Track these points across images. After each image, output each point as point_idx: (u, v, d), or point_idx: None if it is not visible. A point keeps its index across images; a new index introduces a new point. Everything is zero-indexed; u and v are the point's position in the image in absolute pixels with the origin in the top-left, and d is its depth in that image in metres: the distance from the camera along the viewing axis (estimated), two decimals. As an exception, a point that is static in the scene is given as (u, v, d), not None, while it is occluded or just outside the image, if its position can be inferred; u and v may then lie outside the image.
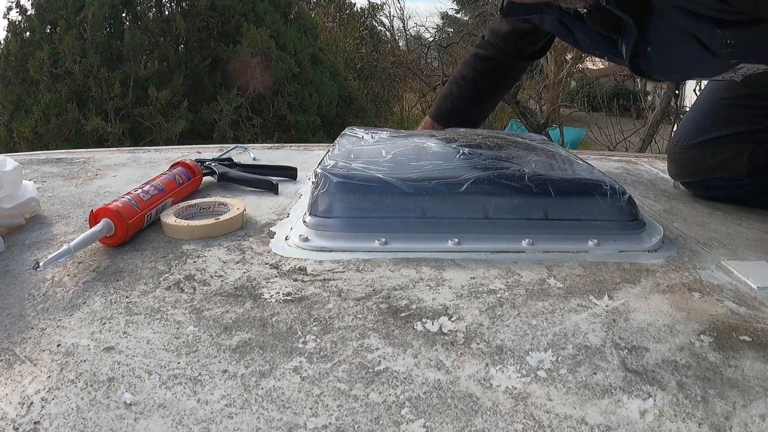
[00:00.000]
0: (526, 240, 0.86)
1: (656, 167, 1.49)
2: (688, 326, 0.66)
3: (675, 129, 3.67)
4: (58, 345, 0.59)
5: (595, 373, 0.58)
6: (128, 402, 0.51)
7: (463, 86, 1.58)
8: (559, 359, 0.60)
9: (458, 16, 16.92)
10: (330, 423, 0.49)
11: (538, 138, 1.23)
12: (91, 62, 5.55)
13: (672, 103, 5.41)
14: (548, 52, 8.29)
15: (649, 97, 10.77)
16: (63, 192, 1.12)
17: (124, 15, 6.22)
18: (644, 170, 1.45)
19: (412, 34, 12.98)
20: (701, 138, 1.25)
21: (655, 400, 0.54)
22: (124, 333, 0.62)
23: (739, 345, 0.63)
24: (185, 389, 0.53)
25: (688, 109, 2.16)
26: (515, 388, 0.55)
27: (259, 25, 6.21)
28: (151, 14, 6.36)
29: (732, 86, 1.27)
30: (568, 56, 8.22)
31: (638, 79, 10.56)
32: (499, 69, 1.56)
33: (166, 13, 6.42)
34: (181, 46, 6.40)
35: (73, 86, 5.59)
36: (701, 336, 0.64)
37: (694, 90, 5.37)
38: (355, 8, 11.28)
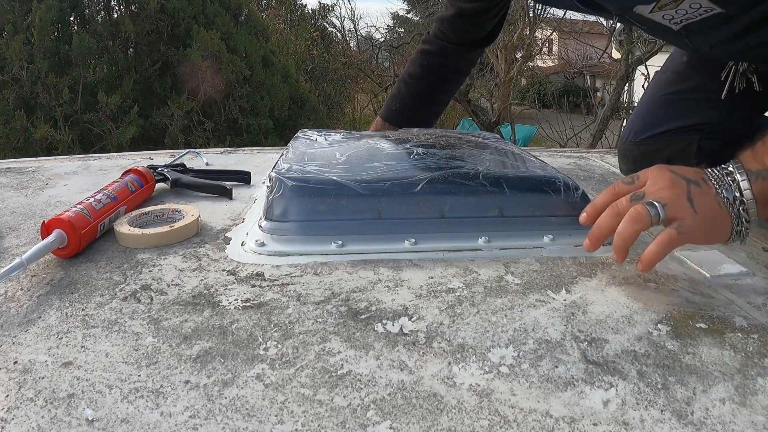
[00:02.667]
0: (483, 238, 0.87)
1: (607, 162, 1.51)
2: (645, 316, 0.68)
3: (624, 125, 3.73)
4: (15, 362, 0.58)
5: (556, 367, 0.58)
6: (90, 418, 0.50)
7: (411, 84, 1.56)
8: (520, 354, 0.60)
9: (409, 16, 17.04)
10: (296, 429, 0.49)
11: (491, 136, 1.25)
12: (38, 68, 5.43)
13: (621, 99, 5.52)
14: (498, 51, 8.36)
15: (599, 93, 10.97)
16: (13, 203, 1.09)
17: (72, 19, 6.09)
18: (596, 165, 1.48)
19: (363, 34, 12.99)
20: (649, 133, 1.28)
21: (617, 390, 0.55)
22: (82, 347, 0.61)
23: (696, 332, 0.65)
24: (147, 402, 0.52)
25: (636, 104, 2.21)
26: (479, 385, 0.55)
27: (209, 27, 6.14)
28: (99, 17, 6.24)
29: (676, 81, 1.30)
30: (518, 54, 8.31)
31: (588, 76, 10.72)
32: (446, 63, 1.54)
33: (115, 16, 6.31)
34: (131, 50, 6.30)
35: (20, 93, 5.45)
36: (659, 325, 0.66)
37: (642, 85, 5.49)
38: (306, 10, 11.24)
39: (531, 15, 7.74)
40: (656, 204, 0.71)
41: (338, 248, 0.84)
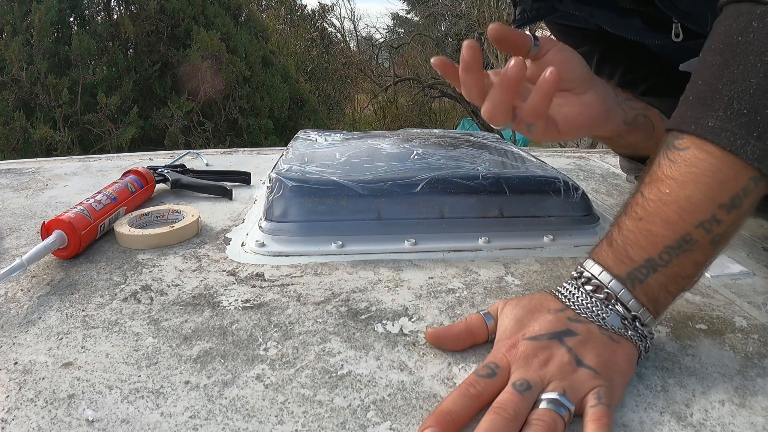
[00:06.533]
0: (483, 238, 0.87)
1: (607, 162, 1.51)
2: (643, 318, 0.68)
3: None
4: (15, 363, 0.58)
5: (555, 368, 0.58)
6: (90, 419, 0.50)
7: None
8: (519, 356, 0.60)
9: (409, 16, 16.99)
10: (296, 430, 0.49)
11: (491, 136, 1.25)
12: (38, 69, 5.42)
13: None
14: (498, 51, 8.33)
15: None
16: (13, 204, 1.09)
17: (71, 19, 6.09)
18: (596, 165, 1.48)
19: (363, 35, 13.01)
20: None
21: (614, 393, 0.55)
22: (82, 348, 0.61)
23: (696, 333, 0.65)
24: (148, 403, 0.52)
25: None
26: (478, 387, 0.55)
27: (209, 28, 6.14)
28: (99, 18, 6.24)
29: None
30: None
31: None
32: None
33: (115, 17, 6.31)
34: (131, 50, 6.30)
35: (20, 94, 5.44)
36: (658, 327, 0.66)
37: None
38: (305, 10, 11.25)
39: (531, 15, 7.71)
40: (558, 399, 0.50)
41: (338, 249, 0.84)
